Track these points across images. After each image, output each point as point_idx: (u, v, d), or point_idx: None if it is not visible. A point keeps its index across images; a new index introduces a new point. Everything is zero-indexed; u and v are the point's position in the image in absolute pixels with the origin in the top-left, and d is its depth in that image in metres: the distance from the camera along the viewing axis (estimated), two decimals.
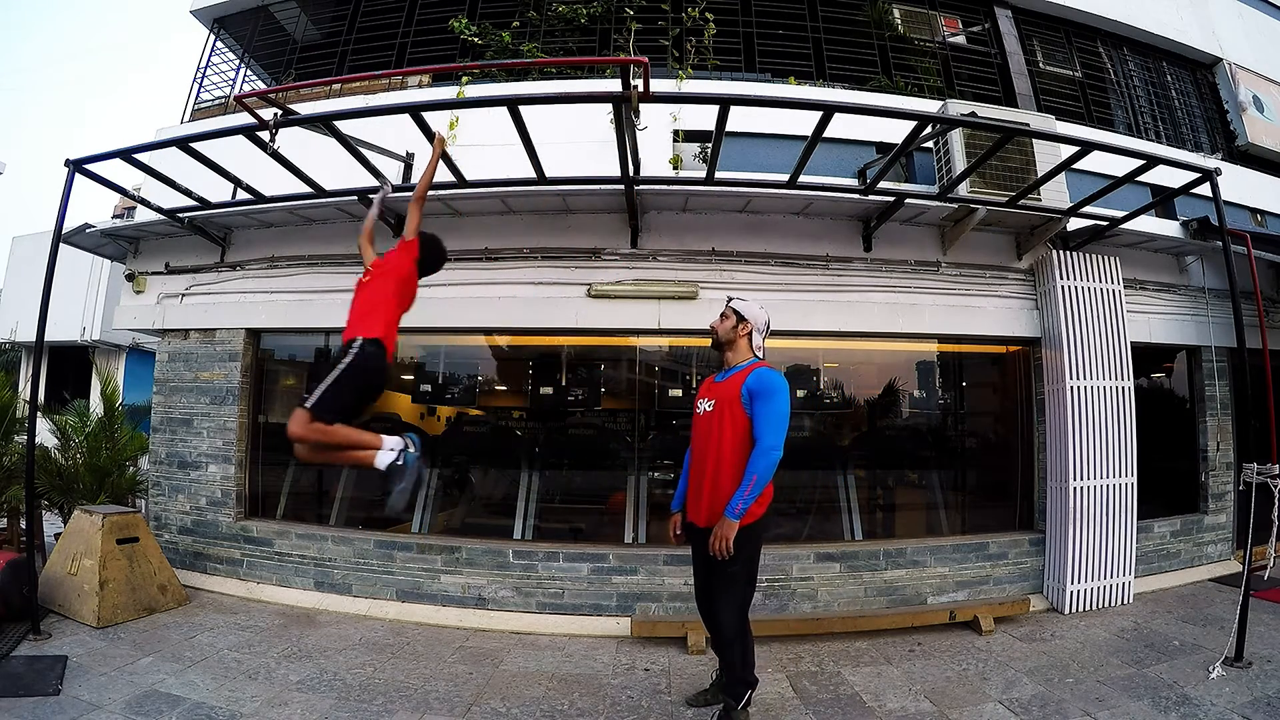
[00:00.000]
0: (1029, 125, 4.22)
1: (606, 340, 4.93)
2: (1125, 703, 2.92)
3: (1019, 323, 4.75)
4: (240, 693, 2.96)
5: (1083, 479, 4.36)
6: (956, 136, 4.28)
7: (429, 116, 3.63)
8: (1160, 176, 4.08)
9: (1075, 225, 4.60)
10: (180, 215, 4.64)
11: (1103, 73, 6.26)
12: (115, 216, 7.57)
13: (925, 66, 5.65)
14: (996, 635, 3.86)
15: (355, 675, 3.22)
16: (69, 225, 4.28)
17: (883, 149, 4.74)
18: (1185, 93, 6.58)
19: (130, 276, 5.24)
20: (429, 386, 5.40)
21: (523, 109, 3.46)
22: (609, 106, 3.76)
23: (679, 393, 4.95)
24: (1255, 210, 6.06)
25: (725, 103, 3.39)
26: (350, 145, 3.90)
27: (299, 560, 4.49)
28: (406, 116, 3.57)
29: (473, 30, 5.34)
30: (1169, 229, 4.89)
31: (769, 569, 4.14)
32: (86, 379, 9.04)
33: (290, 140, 3.75)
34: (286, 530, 4.61)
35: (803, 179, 3.96)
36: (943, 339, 4.99)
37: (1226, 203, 3.85)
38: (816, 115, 3.43)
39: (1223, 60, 6.52)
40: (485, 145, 4.33)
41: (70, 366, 9.53)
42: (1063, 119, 5.21)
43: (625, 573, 4.16)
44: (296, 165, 4.03)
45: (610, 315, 4.48)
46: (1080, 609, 4.27)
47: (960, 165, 4.20)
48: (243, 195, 4.42)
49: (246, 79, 6.16)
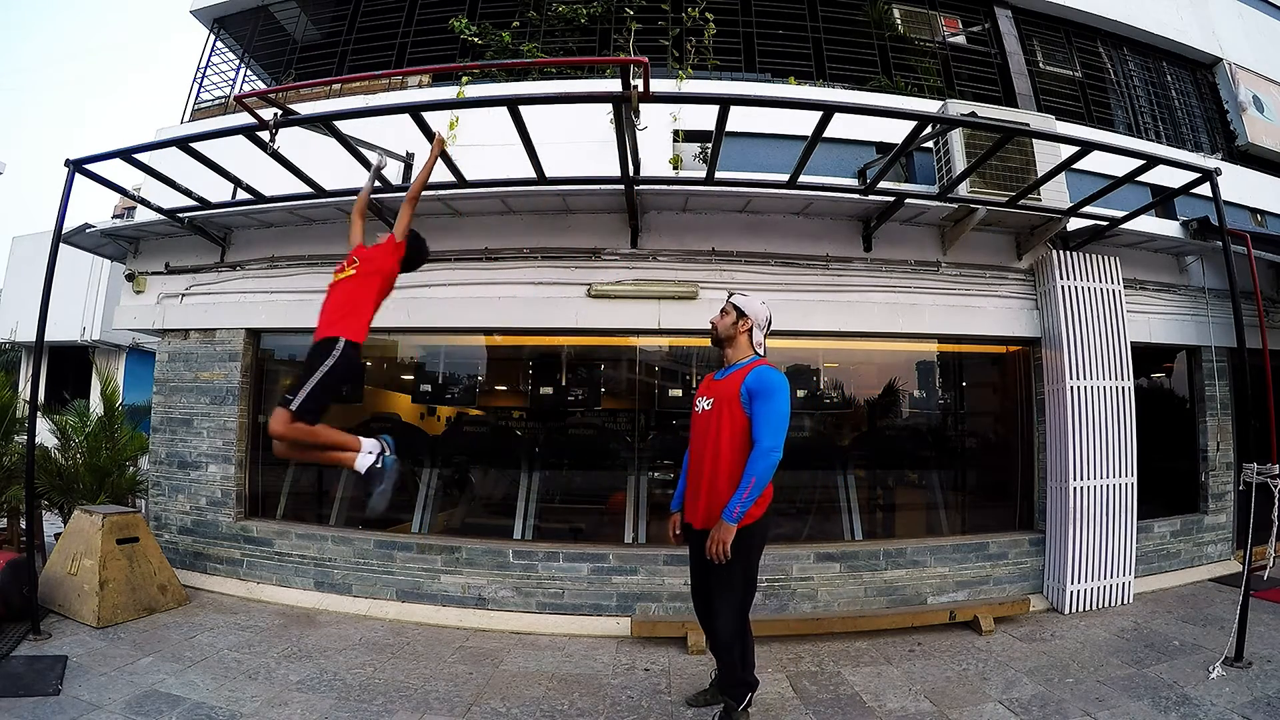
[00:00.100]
0: (1029, 125, 4.22)
1: (606, 340, 4.93)
2: (1125, 703, 2.92)
3: (1019, 323, 4.75)
4: (240, 693, 2.96)
5: (1083, 479, 4.36)
6: (956, 136, 4.28)
7: (429, 116, 3.63)
8: (1160, 176, 4.08)
9: (1075, 225, 4.60)
10: (180, 215, 4.64)
11: (1103, 73, 6.25)
12: (115, 216, 7.56)
13: (925, 66, 5.65)
14: (996, 635, 3.86)
15: (355, 675, 3.22)
16: (69, 225, 4.28)
17: (883, 149, 4.74)
18: (1185, 93, 6.58)
19: (130, 276, 5.24)
20: (429, 386, 5.40)
21: (523, 109, 3.46)
22: (609, 106, 3.76)
23: (679, 393, 4.96)
24: (1255, 210, 6.06)
25: (725, 103, 3.39)
26: (350, 145, 3.90)
27: (299, 560, 4.49)
28: (406, 116, 3.57)
29: (473, 30, 5.34)
30: (1169, 229, 4.89)
31: (769, 569, 4.14)
32: (86, 379, 9.04)
33: (290, 140, 3.75)
34: (286, 530, 4.61)
35: (803, 179, 3.95)
36: (943, 339, 4.99)
37: (1226, 203, 3.84)
38: (816, 115, 3.43)
39: (1223, 60, 6.52)
40: (485, 145, 4.33)
41: (70, 366, 9.53)
42: (1063, 119, 5.21)
43: (625, 573, 4.16)
44: (296, 165, 4.03)
45: (610, 315, 4.48)
46: (1080, 609, 4.27)
47: (960, 165, 4.20)
48: (243, 195, 4.42)
49: (246, 79, 6.16)
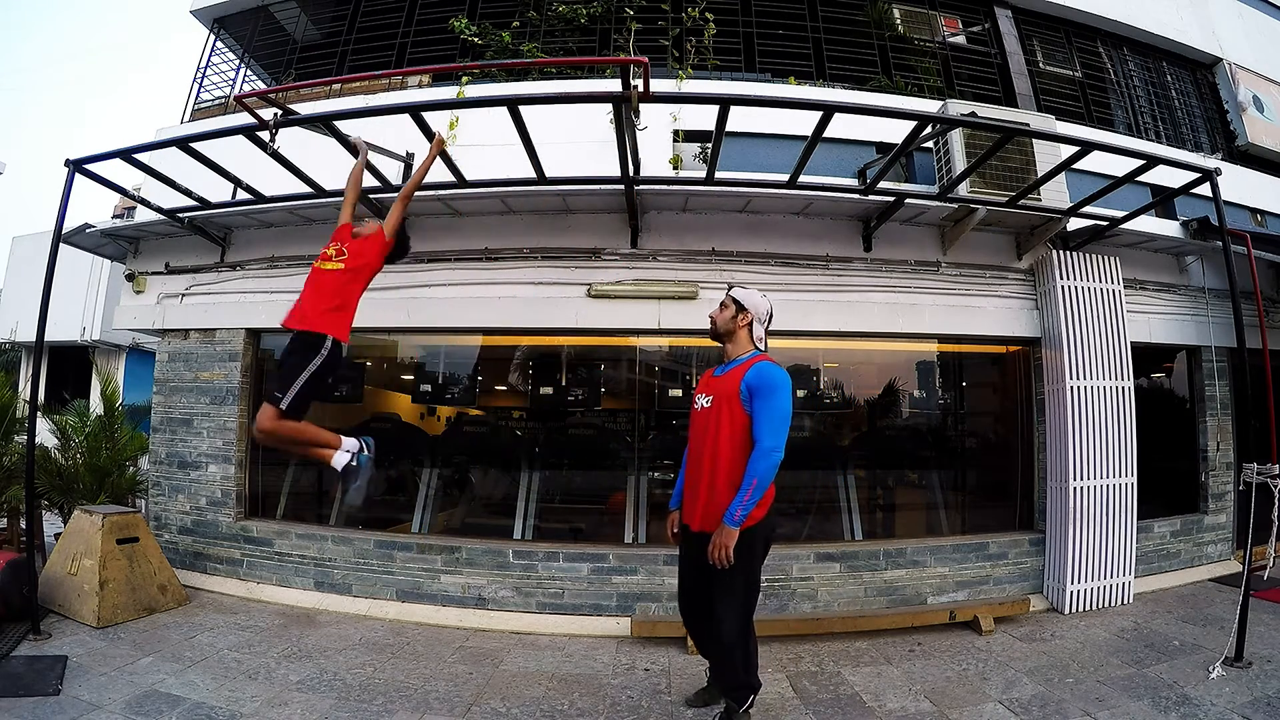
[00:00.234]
0: (1029, 125, 4.22)
1: (606, 340, 4.93)
2: (1125, 703, 2.92)
3: (1019, 323, 4.75)
4: (240, 693, 2.96)
5: (1083, 479, 4.36)
6: (956, 136, 4.28)
7: (429, 116, 3.63)
8: (1160, 176, 4.08)
9: (1075, 225, 4.60)
10: (180, 215, 4.64)
11: (1103, 73, 6.25)
12: (115, 216, 7.56)
13: (925, 66, 5.65)
14: (996, 635, 3.86)
15: (355, 675, 3.22)
16: (69, 225, 4.28)
17: (883, 149, 4.74)
18: (1185, 93, 6.58)
19: (130, 276, 5.24)
20: (429, 386, 5.40)
21: (523, 109, 3.46)
22: (609, 106, 3.75)
23: (679, 393, 4.95)
24: (1255, 210, 6.06)
25: (725, 103, 3.39)
26: (350, 145, 3.89)
27: (299, 560, 4.49)
28: (406, 116, 3.58)
29: (473, 30, 5.33)
30: (1169, 229, 4.89)
31: (769, 569, 4.10)
32: (86, 379, 9.04)
33: (290, 140, 3.75)
34: (286, 530, 4.61)
35: (803, 179, 3.95)
36: (943, 339, 4.99)
37: (1226, 203, 3.84)
38: (816, 115, 3.43)
39: (1223, 60, 6.52)
40: (485, 145, 4.33)
41: (70, 366, 9.53)
42: (1063, 119, 5.21)
43: (625, 573, 4.15)
44: (296, 165, 4.03)
45: (610, 315, 4.48)
46: (1080, 609, 4.27)
47: (960, 165, 4.20)
48: (243, 195, 4.42)
49: (246, 79, 6.16)
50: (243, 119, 3.65)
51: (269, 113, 3.52)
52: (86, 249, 5.52)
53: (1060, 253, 4.64)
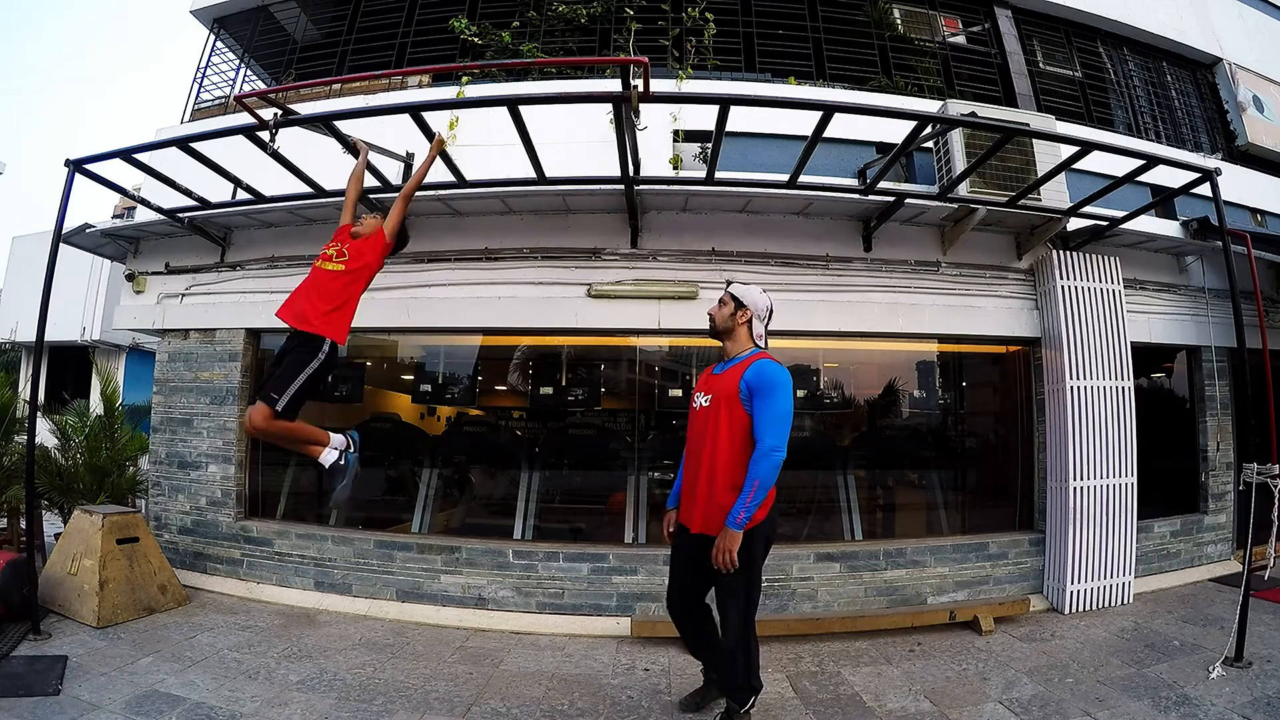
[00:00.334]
0: (1029, 125, 4.22)
1: (606, 340, 4.93)
2: (1125, 703, 2.92)
3: (1019, 323, 4.75)
4: (240, 693, 2.96)
5: (1083, 479, 4.36)
6: (956, 136, 4.28)
7: (429, 116, 3.63)
8: (1160, 176, 4.08)
9: (1075, 225, 4.60)
10: (180, 215, 4.64)
11: (1103, 73, 6.25)
12: (115, 216, 7.57)
13: (925, 66, 5.65)
14: (996, 635, 3.86)
15: (355, 675, 3.22)
16: (69, 225, 4.28)
17: (883, 149, 4.74)
18: (1185, 93, 6.58)
19: (130, 276, 5.24)
20: (429, 386, 5.40)
21: (523, 109, 3.46)
22: (609, 106, 3.76)
23: (679, 393, 4.95)
24: (1255, 210, 6.06)
25: (725, 103, 3.39)
26: (350, 144, 3.90)
27: (299, 560, 4.49)
28: (406, 116, 3.58)
29: (473, 30, 5.33)
30: (1169, 229, 4.89)
31: (769, 569, 4.10)
32: (86, 379, 9.04)
33: (290, 140, 3.75)
34: (286, 530, 4.61)
35: (803, 179, 3.95)
36: (943, 339, 4.99)
37: (1226, 203, 3.84)
38: (816, 115, 3.43)
39: (1223, 60, 6.52)
40: (485, 145, 4.33)
41: (70, 366, 9.53)
42: (1063, 119, 5.20)
43: (625, 573, 4.15)
44: (296, 165, 4.03)
45: (610, 315, 4.48)
46: (1080, 609, 4.27)
47: (960, 165, 4.20)
48: (243, 195, 4.42)
49: (246, 79, 6.15)
50: (243, 119, 3.65)
51: (269, 113, 3.52)
52: (86, 249, 5.52)
53: (1060, 253, 4.64)
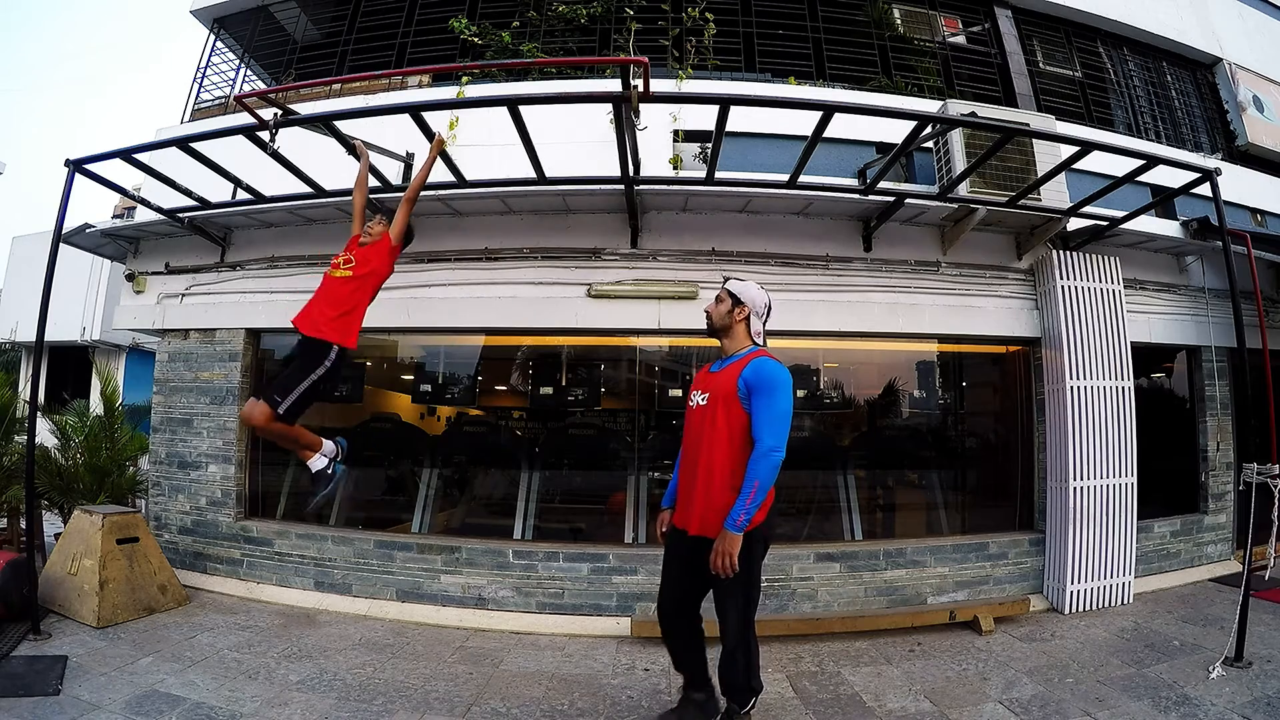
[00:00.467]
0: (1029, 125, 4.22)
1: (606, 340, 4.93)
2: (1125, 703, 2.92)
3: (1019, 323, 4.75)
4: (240, 693, 2.96)
5: (1083, 479, 4.36)
6: (956, 136, 4.28)
7: (429, 116, 3.63)
8: (1160, 176, 4.08)
9: (1075, 225, 4.60)
10: (180, 215, 4.64)
11: (1103, 73, 6.25)
12: (115, 216, 7.58)
13: (925, 66, 5.65)
14: (996, 635, 3.86)
15: (355, 675, 3.22)
16: (69, 225, 4.28)
17: (883, 149, 4.74)
18: (1185, 93, 6.58)
19: (130, 276, 5.24)
20: (429, 386, 5.40)
21: (523, 109, 3.46)
22: (609, 106, 3.76)
23: (679, 392, 4.95)
24: (1255, 210, 6.06)
25: (725, 103, 3.39)
26: (350, 145, 3.90)
27: (299, 560, 4.49)
28: (406, 116, 3.58)
29: (473, 30, 5.33)
30: (1169, 229, 4.89)
31: (769, 569, 4.11)
32: (86, 379, 9.04)
33: (290, 140, 3.75)
34: (286, 530, 4.61)
35: (803, 179, 3.95)
36: (943, 339, 4.99)
37: (1226, 203, 3.84)
38: (816, 115, 3.43)
39: (1223, 60, 6.52)
40: (485, 145, 4.33)
41: (70, 366, 9.54)
42: (1063, 119, 5.21)
43: (625, 573, 4.15)
44: (296, 165, 4.03)
45: (610, 315, 4.48)
46: (1080, 609, 4.27)
47: (960, 165, 4.20)
48: (243, 195, 4.42)
49: (246, 79, 6.16)
50: (243, 119, 3.65)
51: (269, 113, 3.52)
52: (86, 249, 5.52)
53: (1060, 253, 4.64)
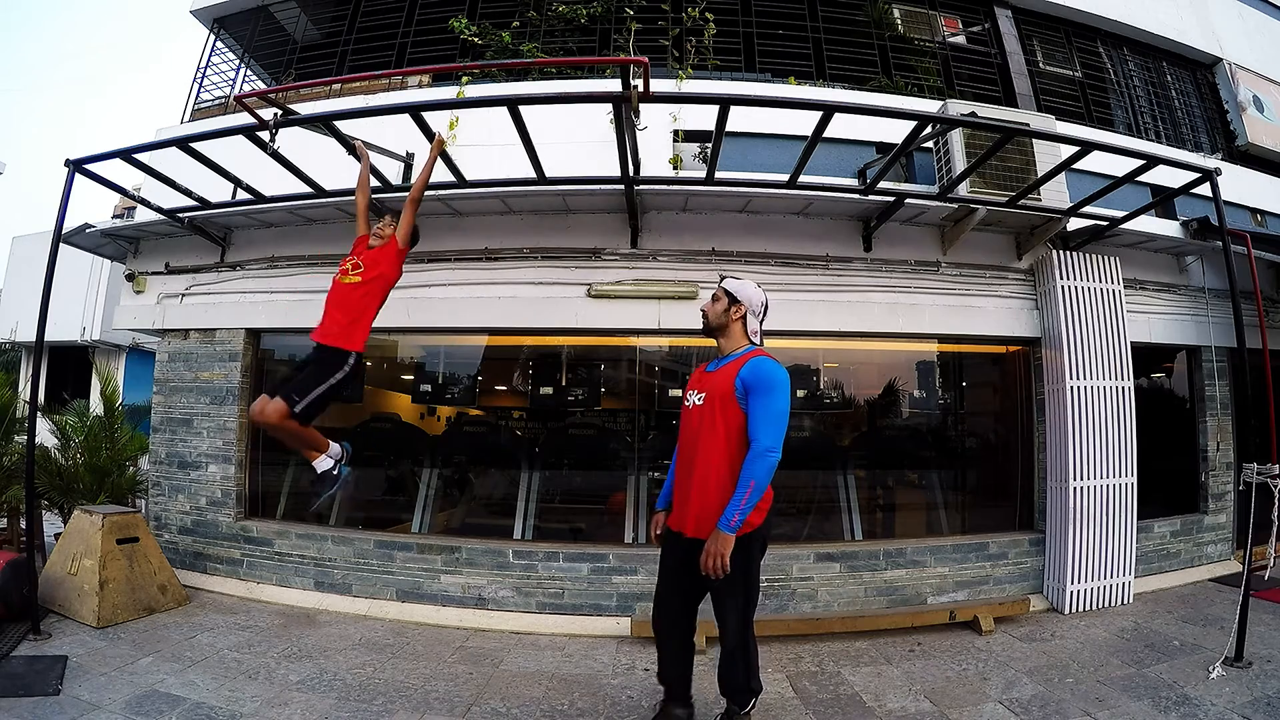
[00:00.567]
0: (1029, 125, 4.22)
1: (606, 340, 4.93)
2: (1125, 703, 2.92)
3: (1019, 323, 4.75)
4: (240, 693, 2.96)
5: (1083, 479, 4.36)
6: (956, 136, 4.28)
7: (429, 116, 3.63)
8: (1160, 176, 4.08)
9: (1075, 225, 4.60)
10: (180, 215, 4.64)
11: (1103, 73, 6.25)
12: (115, 216, 7.57)
13: (925, 66, 5.65)
14: (996, 635, 3.86)
15: (355, 675, 3.22)
16: (69, 225, 4.28)
17: (883, 149, 4.74)
18: (1185, 93, 6.57)
19: (130, 276, 5.24)
20: (429, 386, 5.40)
21: (523, 109, 3.46)
22: (609, 106, 3.75)
23: (679, 392, 4.94)
24: (1255, 210, 6.06)
25: (725, 103, 3.39)
26: (350, 145, 3.90)
27: (299, 560, 4.49)
28: (406, 116, 3.58)
29: (473, 30, 5.33)
30: (1169, 229, 4.89)
31: (769, 569, 4.13)
32: (86, 379, 9.05)
33: (290, 140, 3.75)
34: (286, 530, 4.61)
35: (803, 179, 3.95)
36: (943, 339, 4.99)
37: (1226, 203, 3.84)
38: (816, 115, 3.43)
39: (1223, 60, 6.52)
40: (485, 145, 4.33)
41: (70, 366, 9.54)
42: (1063, 119, 5.21)
43: (625, 573, 4.15)
44: (296, 165, 4.03)
45: (610, 315, 4.48)
46: (1080, 609, 4.27)
47: (960, 165, 4.20)
48: (243, 195, 4.42)
49: (246, 79, 6.16)
50: (243, 119, 3.65)
51: (269, 113, 3.52)
52: (86, 249, 5.52)
53: (1060, 253, 4.64)
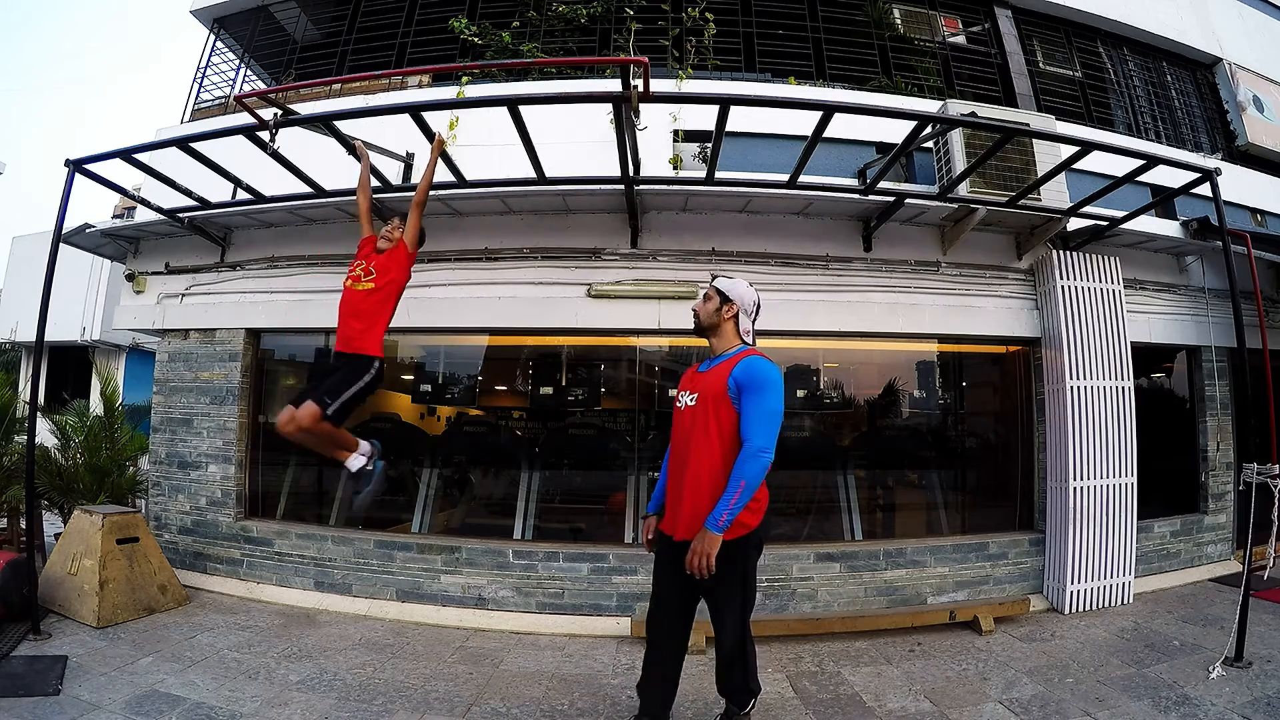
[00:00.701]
0: (1029, 125, 4.22)
1: (606, 340, 4.93)
2: (1125, 703, 2.92)
3: (1019, 323, 4.75)
4: (240, 693, 2.96)
5: (1083, 479, 4.36)
6: (956, 136, 4.28)
7: (429, 116, 3.64)
8: (1160, 176, 4.08)
9: (1075, 225, 4.60)
10: (180, 215, 4.64)
11: (1103, 73, 6.25)
12: (115, 216, 7.57)
13: (925, 66, 5.65)
14: (996, 635, 3.86)
15: (355, 675, 3.22)
16: (69, 225, 4.28)
17: (883, 149, 4.74)
18: (1185, 93, 6.57)
19: (130, 276, 5.24)
20: (429, 386, 5.40)
21: (523, 109, 3.46)
22: (609, 106, 3.75)
23: None
24: (1255, 210, 6.06)
25: (725, 103, 3.39)
26: (350, 145, 3.90)
27: (299, 560, 4.49)
28: (406, 116, 3.58)
29: (473, 30, 5.33)
30: (1169, 229, 4.89)
31: (769, 569, 4.14)
32: (86, 379, 9.05)
33: (290, 140, 3.75)
34: (286, 530, 4.61)
35: (803, 179, 3.95)
36: (943, 339, 4.99)
37: (1226, 203, 3.84)
38: (816, 115, 3.43)
39: (1223, 60, 6.52)
40: (485, 145, 4.33)
41: (70, 366, 9.54)
42: (1063, 119, 5.20)
43: (625, 573, 4.15)
44: (296, 165, 4.03)
45: (610, 315, 4.48)
46: (1080, 609, 4.27)
47: (960, 165, 4.20)
48: (243, 195, 4.42)
49: (246, 79, 6.15)
50: (243, 119, 3.65)
51: (269, 113, 3.52)
52: (86, 249, 5.52)
53: (1060, 253, 4.64)
